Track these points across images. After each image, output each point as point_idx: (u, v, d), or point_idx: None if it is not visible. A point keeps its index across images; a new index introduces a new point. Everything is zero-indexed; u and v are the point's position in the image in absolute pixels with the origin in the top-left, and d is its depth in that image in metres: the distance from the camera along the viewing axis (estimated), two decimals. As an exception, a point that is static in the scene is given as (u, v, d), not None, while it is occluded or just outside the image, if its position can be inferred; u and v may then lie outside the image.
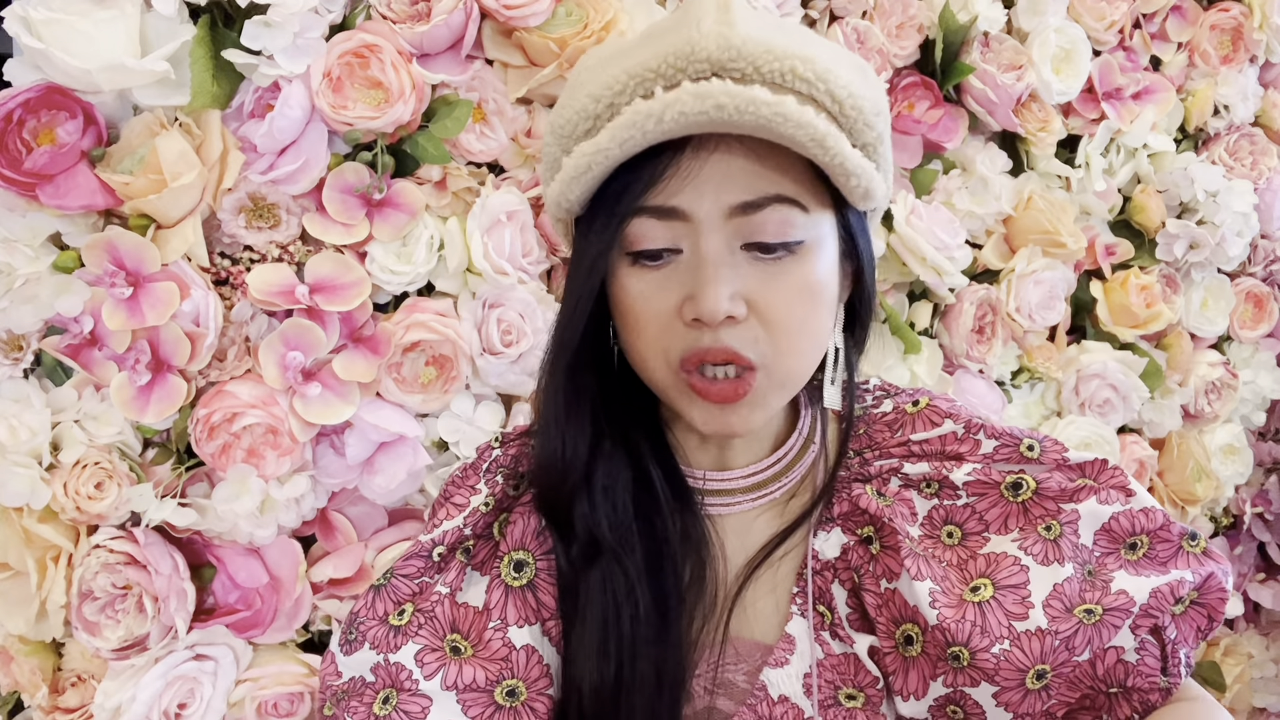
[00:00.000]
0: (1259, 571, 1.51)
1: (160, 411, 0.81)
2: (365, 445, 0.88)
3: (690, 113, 0.51)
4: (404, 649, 0.62)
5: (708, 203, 0.56)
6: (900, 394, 0.71)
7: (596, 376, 0.63)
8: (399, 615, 0.63)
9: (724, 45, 0.54)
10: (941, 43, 1.10)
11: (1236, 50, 1.34)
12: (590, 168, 0.55)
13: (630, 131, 0.53)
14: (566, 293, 0.61)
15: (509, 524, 0.66)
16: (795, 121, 0.52)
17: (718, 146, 0.55)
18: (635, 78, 0.55)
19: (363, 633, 0.63)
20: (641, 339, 0.59)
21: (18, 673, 0.88)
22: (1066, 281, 1.20)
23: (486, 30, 0.91)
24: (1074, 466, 0.63)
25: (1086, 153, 1.23)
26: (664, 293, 0.57)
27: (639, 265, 0.58)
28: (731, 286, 0.56)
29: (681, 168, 0.55)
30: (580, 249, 0.60)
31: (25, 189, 0.77)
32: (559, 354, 0.61)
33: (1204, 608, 0.60)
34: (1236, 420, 1.45)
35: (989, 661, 0.57)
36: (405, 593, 0.65)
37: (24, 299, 0.79)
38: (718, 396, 0.57)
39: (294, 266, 0.86)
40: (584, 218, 0.60)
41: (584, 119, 0.58)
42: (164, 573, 0.81)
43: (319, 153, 0.84)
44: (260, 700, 0.87)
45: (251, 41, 0.79)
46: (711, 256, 0.56)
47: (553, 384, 0.62)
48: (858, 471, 0.66)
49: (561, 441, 0.62)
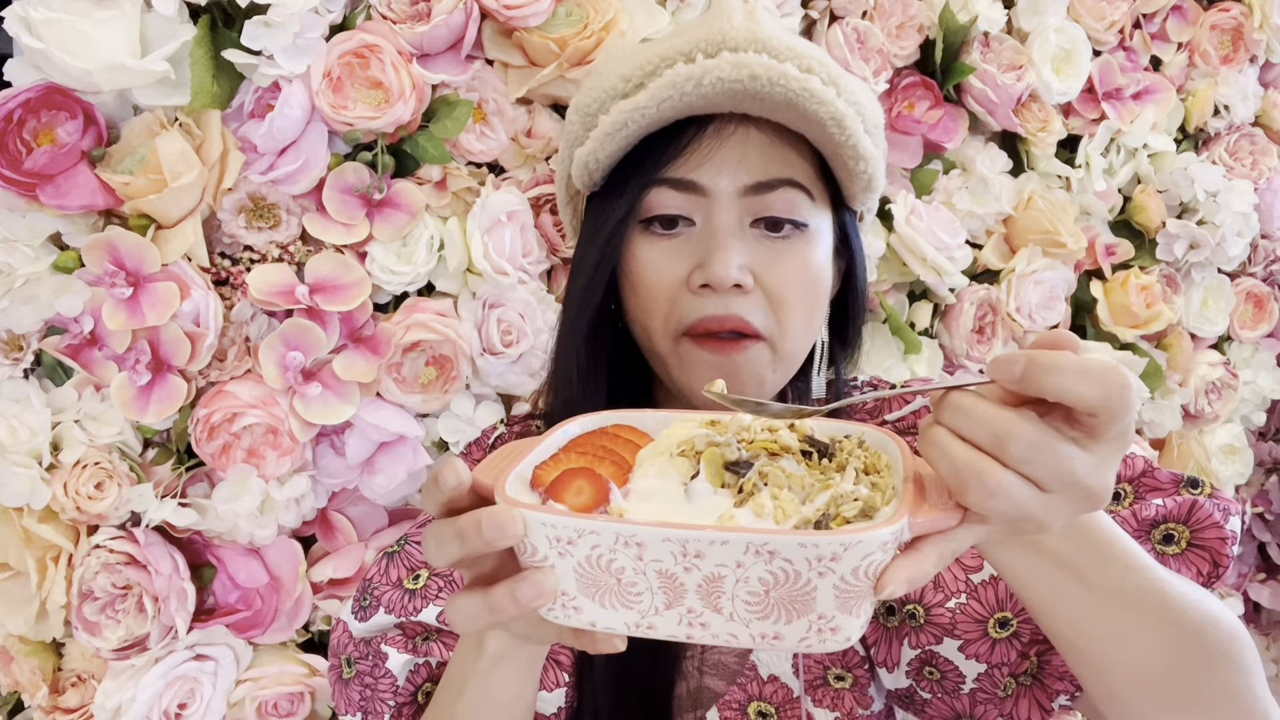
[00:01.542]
0: (1259, 571, 1.51)
1: (160, 411, 0.81)
2: (365, 445, 0.88)
3: (727, 79, 0.56)
4: (425, 610, 0.64)
5: (725, 180, 0.60)
6: (884, 385, 0.74)
7: (613, 341, 0.67)
8: (414, 579, 0.65)
9: (751, 38, 0.59)
10: (942, 43, 1.10)
11: (1236, 50, 1.34)
12: (627, 124, 0.59)
13: (669, 92, 0.57)
14: (579, 260, 0.65)
15: None
16: (819, 98, 0.58)
17: (737, 129, 0.60)
18: (665, 59, 0.60)
19: (377, 597, 0.65)
20: (647, 306, 0.62)
21: (18, 673, 0.88)
22: (1066, 281, 1.20)
23: (486, 30, 0.91)
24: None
25: (1086, 153, 1.23)
26: (674, 262, 0.61)
27: (651, 234, 0.62)
28: (741, 258, 0.60)
29: (703, 145, 0.60)
30: (597, 218, 0.64)
31: (25, 189, 0.77)
32: (580, 312, 0.64)
33: (1204, 550, 0.57)
34: (1236, 420, 1.45)
35: (944, 616, 0.58)
36: (418, 559, 0.66)
37: (24, 299, 0.79)
38: (720, 347, 0.60)
39: (294, 266, 0.86)
40: (600, 193, 0.64)
41: (611, 96, 0.62)
42: (164, 573, 0.81)
43: (319, 153, 0.84)
44: (260, 700, 0.87)
45: (251, 41, 0.79)
46: (723, 228, 0.60)
47: (572, 341, 0.65)
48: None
49: (566, 399, 0.65)
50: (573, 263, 0.66)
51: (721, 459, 0.43)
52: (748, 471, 0.42)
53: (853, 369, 0.74)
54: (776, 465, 0.42)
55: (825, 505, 0.39)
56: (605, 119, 0.60)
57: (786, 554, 0.36)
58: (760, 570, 0.36)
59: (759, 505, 0.39)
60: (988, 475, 0.36)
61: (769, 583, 0.36)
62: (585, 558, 0.38)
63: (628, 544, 0.37)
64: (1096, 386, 0.35)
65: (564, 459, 0.44)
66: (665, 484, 0.42)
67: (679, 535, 0.36)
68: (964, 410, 0.38)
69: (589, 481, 0.42)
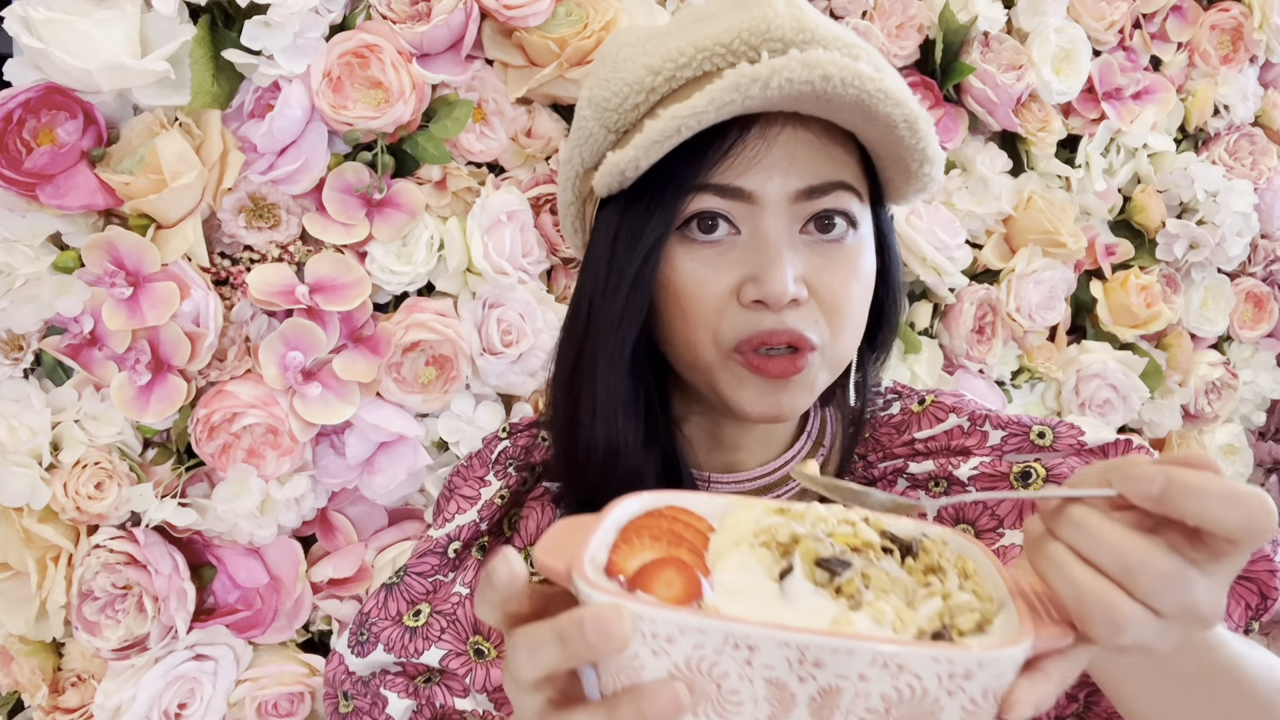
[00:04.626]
0: (1259, 571, 1.51)
1: (160, 411, 0.81)
2: (365, 445, 0.88)
3: (797, 80, 0.50)
4: (427, 654, 0.60)
5: (775, 185, 0.55)
6: (909, 395, 0.69)
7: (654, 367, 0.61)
8: (414, 616, 0.62)
9: (798, 26, 0.54)
10: (941, 43, 1.10)
11: (1236, 50, 1.34)
12: (680, 131, 0.52)
13: (731, 95, 0.50)
14: (608, 276, 0.58)
15: (521, 519, 0.65)
16: (894, 99, 0.52)
17: (784, 128, 0.55)
18: (703, 51, 0.54)
19: (375, 633, 0.62)
20: (692, 322, 0.57)
21: (18, 673, 0.88)
22: (1066, 281, 1.20)
23: (486, 30, 0.91)
24: (1092, 450, 0.60)
25: (1086, 153, 1.23)
26: (719, 273, 0.56)
27: (689, 240, 0.56)
28: (796, 269, 0.55)
29: (748, 147, 0.54)
30: (629, 229, 0.57)
31: (25, 189, 0.77)
32: (617, 341, 0.57)
33: (1252, 582, 0.56)
34: (1236, 420, 1.45)
35: None
36: (419, 591, 0.63)
37: (24, 299, 0.79)
38: (777, 371, 0.55)
39: (294, 266, 0.86)
40: (625, 196, 0.57)
41: (637, 91, 0.56)
42: (164, 573, 0.81)
43: (319, 153, 0.84)
44: (260, 700, 0.87)
45: (251, 41, 0.79)
46: (776, 238, 0.55)
47: (605, 375, 0.58)
48: (862, 475, 0.64)
49: (610, 433, 0.58)
50: (589, 277, 0.59)
51: (814, 555, 0.38)
52: (844, 571, 0.37)
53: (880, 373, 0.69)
54: (879, 566, 0.38)
55: (939, 615, 0.36)
56: (653, 124, 0.52)
57: (917, 669, 0.32)
58: (884, 685, 0.33)
59: (878, 612, 0.35)
60: (1116, 609, 0.34)
61: (891, 699, 0.33)
62: (685, 659, 0.34)
63: (737, 646, 0.33)
64: (1242, 514, 0.33)
65: (637, 544, 0.39)
66: (753, 579, 0.38)
67: (798, 640, 0.33)
68: (1089, 531, 0.35)
69: (679, 573, 0.37)
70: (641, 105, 0.57)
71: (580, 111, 0.61)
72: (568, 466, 0.62)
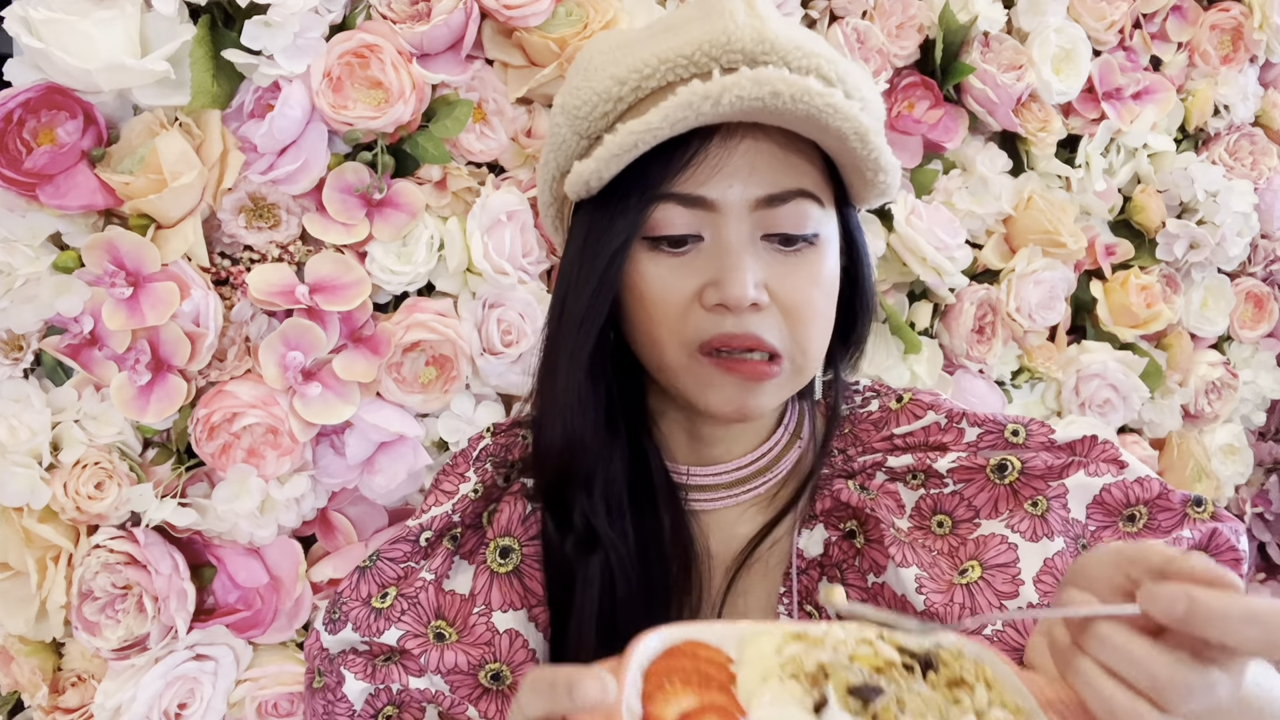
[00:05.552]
0: (1259, 571, 1.51)
1: (160, 411, 0.81)
2: (365, 445, 0.88)
3: (747, 97, 0.52)
4: (387, 633, 0.62)
5: (735, 193, 0.57)
6: (888, 393, 0.71)
7: (613, 366, 0.63)
8: (381, 598, 0.64)
9: (758, 38, 0.55)
10: (941, 43, 1.10)
11: (1236, 50, 1.34)
12: (637, 145, 0.54)
13: (684, 112, 0.52)
14: (577, 278, 0.60)
15: (496, 512, 0.66)
16: (843, 114, 0.54)
17: (744, 137, 0.56)
18: (666, 62, 0.56)
19: (345, 613, 0.64)
20: (657, 324, 0.59)
21: (18, 673, 0.88)
22: (1066, 281, 1.20)
23: (486, 30, 0.91)
24: (1062, 447, 0.62)
25: (1086, 153, 1.23)
26: (683, 278, 0.58)
27: (658, 250, 0.58)
28: (756, 275, 0.57)
29: (710, 156, 0.56)
30: (596, 234, 0.59)
31: (25, 189, 0.77)
32: (580, 342, 0.60)
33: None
34: (1236, 420, 1.45)
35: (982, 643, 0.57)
36: (389, 576, 0.65)
37: (24, 299, 0.79)
38: (750, 373, 0.57)
39: (294, 266, 0.86)
40: (594, 201, 0.59)
41: (605, 100, 0.58)
42: (164, 573, 0.81)
43: (319, 153, 0.84)
44: (260, 700, 0.87)
45: (251, 41, 0.79)
46: (737, 244, 0.57)
47: (565, 371, 0.61)
48: (841, 468, 0.66)
49: (567, 429, 0.61)
50: (563, 278, 0.62)
51: (845, 683, 0.39)
52: (877, 697, 0.38)
53: (854, 371, 0.71)
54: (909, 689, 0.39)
55: None
56: (612, 139, 0.54)
57: None
58: None
59: None
60: None
61: None
62: None
63: None
64: (1262, 633, 0.35)
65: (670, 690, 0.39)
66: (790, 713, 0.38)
67: None
68: (1117, 649, 0.37)
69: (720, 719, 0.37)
70: (610, 114, 0.59)
71: (554, 118, 0.63)
72: (535, 462, 0.65)
